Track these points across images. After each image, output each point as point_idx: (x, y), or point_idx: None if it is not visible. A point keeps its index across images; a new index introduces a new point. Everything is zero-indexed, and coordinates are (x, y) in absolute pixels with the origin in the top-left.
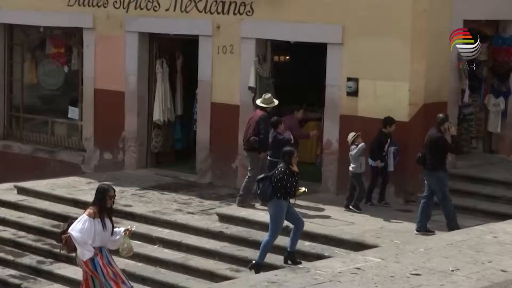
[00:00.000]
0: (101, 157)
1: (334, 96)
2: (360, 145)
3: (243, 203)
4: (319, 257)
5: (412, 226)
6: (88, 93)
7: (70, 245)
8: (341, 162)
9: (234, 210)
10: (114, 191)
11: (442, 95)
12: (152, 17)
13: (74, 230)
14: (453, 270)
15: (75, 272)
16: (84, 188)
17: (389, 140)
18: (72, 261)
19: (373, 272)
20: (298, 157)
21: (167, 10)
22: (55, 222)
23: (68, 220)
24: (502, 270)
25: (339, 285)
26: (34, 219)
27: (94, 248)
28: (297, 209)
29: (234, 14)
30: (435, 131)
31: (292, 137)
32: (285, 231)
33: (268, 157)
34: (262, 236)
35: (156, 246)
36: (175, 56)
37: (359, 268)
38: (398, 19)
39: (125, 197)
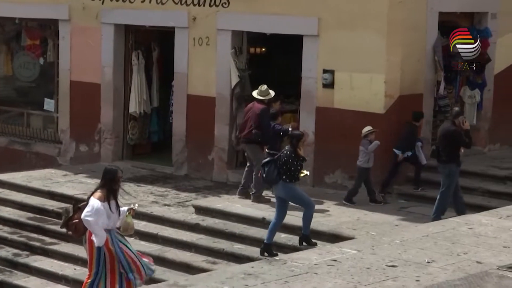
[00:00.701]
0: (77, 149)
1: (310, 88)
2: (375, 142)
3: (258, 199)
4: (295, 249)
5: (388, 217)
6: (63, 85)
7: (79, 230)
8: (317, 154)
9: (210, 202)
10: (122, 172)
11: (418, 87)
12: (128, 8)
13: (89, 215)
14: (429, 262)
15: (51, 265)
16: (60, 180)
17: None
18: (48, 254)
19: (349, 264)
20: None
21: (143, 1)
22: (31, 215)
23: (73, 204)
24: (478, 262)
25: (315, 277)
26: (10, 211)
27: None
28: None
29: (210, 6)
30: (450, 124)
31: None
32: (263, 223)
33: (266, 150)
34: (239, 228)
35: (132, 239)
36: (151, 48)
37: (335, 260)
38: (373, 11)
39: None
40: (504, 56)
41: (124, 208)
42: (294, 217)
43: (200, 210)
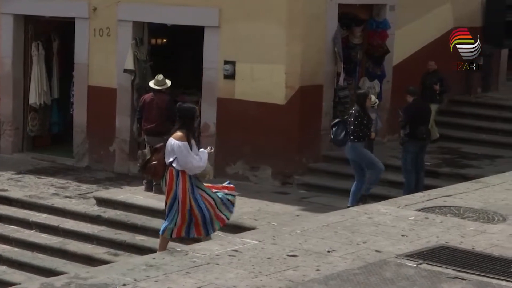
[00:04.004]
0: None
1: (211, 79)
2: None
3: (160, 190)
4: (197, 240)
5: (289, 208)
6: None
7: (158, 172)
8: (218, 145)
9: (112, 193)
10: (197, 109)
11: (318, 78)
12: None
13: (194, 163)
14: (329, 251)
15: None
16: None
17: None
18: None
19: (251, 254)
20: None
21: None
22: None
23: (150, 146)
24: (377, 251)
25: (217, 268)
26: None
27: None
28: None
29: None
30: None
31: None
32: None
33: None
34: (141, 220)
35: (33, 231)
36: (51, 38)
37: (236, 251)
38: (274, 2)
39: (1, 182)
40: (402, 48)
41: (203, 149)
42: None
43: (101, 201)
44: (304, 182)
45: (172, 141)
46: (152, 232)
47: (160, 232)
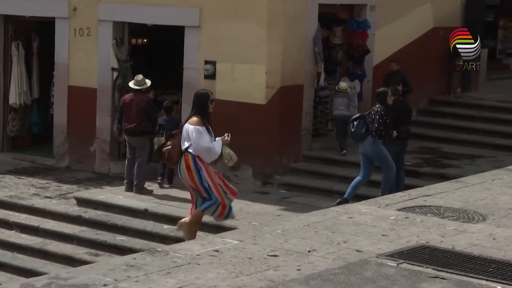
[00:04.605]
0: None
1: (192, 79)
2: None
3: (141, 190)
4: (178, 240)
5: (270, 208)
6: None
7: (173, 157)
8: None
9: (92, 194)
10: (212, 94)
11: (299, 78)
12: None
13: (201, 144)
14: (310, 251)
15: None
16: None
17: None
18: None
19: (231, 254)
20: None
21: None
22: None
23: (165, 132)
24: (357, 250)
25: (197, 268)
26: None
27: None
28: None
29: None
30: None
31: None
32: (145, 215)
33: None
34: (121, 220)
35: (13, 231)
36: (31, 38)
37: (217, 251)
38: (254, 2)
39: None
40: (383, 48)
41: (218, 138)
42: (176, 208)
43: (82, 202)
44: (284, 182)
45: (188, 126)
46: (132, 232)
47: (201, 208)
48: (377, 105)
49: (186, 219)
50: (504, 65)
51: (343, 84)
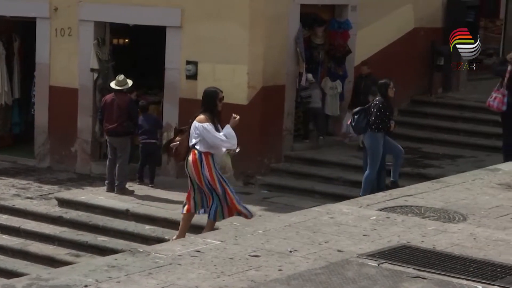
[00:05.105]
0: None
1: (174, 79)
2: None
3: (122, 190)
4: (159, 240)
5: (251, 208)
6: None
7: (180, 152)
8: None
9: (73, 194)
10: (222, 92)
11: (280, 78)
12: None
13: (215, 142)
14: (291, 251)
15: None
16: None
17: None
18: None
19: (213, 255)
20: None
21: None
22: None
23: (174, 128)
24: (339, 250)
25: (179, 268)
26: None
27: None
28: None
29: None
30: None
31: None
32: (127, 215)
33: (146, 140)
34: (102, 221)
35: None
36: (12, 38)
37: (198, 251)
38: (236, 2)
39: None
40: (364, 48)
41: (227, 125)
42: (157, 209)
43: (63, 202)
44: (266, 182)
45: (196, 124)
46: (114, 232)
47: (212, 218)
48: (377, 98)
49: (204, 230)
50: (485, 65)
51: (309, 76)
